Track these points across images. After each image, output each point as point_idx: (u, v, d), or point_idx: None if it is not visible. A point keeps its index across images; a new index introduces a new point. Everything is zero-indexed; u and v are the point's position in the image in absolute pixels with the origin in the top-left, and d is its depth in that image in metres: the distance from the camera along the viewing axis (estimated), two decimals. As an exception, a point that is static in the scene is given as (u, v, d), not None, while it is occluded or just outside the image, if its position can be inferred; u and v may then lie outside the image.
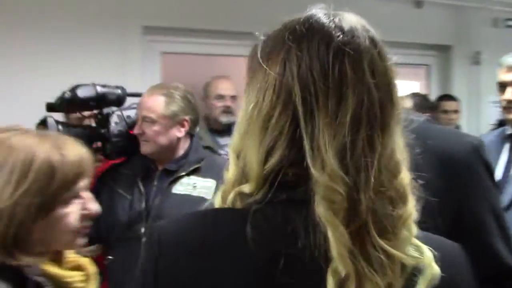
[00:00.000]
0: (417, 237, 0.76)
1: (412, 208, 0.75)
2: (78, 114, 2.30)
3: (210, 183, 2.14)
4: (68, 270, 1.16)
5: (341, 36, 0.74)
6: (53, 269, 1.13)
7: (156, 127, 2.08)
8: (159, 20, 3.43)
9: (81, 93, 2.07)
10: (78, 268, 1.20)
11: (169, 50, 3.58)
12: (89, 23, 3.26)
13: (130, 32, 3.33)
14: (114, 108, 2.19)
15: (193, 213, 0.84)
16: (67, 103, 2.08)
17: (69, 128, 2.07)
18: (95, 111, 2.16)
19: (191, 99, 2.20)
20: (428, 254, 0.74)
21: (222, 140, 3.26)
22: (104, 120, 2.14)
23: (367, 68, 0.73)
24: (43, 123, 2.00)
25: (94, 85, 2.12)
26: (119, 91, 2.18)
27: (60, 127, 2.02)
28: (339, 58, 0.73)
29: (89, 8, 3.26)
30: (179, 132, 2.12)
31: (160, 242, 0.78)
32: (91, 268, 1.22)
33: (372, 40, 0.76)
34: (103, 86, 2.14)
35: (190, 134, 2.20)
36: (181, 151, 2.18)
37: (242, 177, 0.79)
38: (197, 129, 2.31)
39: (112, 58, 3.29)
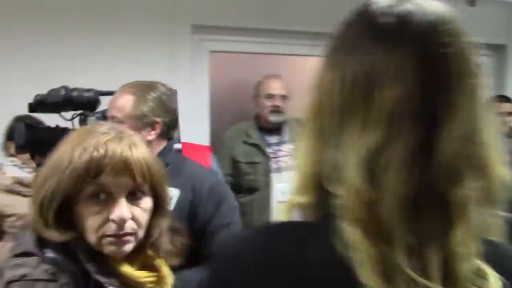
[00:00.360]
0: (486, 254, 0.63)
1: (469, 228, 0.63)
2: None
3: (172, 191, 1.96)
4: (140, 270, 1.14)
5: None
6: (123, 267, 1.12)
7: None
8: (208, 19, 3.46)
9: (50, 95, 2.05)
10: (151, 268, 1.17)
11: (217, 49, 3.60)
12: (139, 22, 3.32)
13: (179, 31, 3.38)
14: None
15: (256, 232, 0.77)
16: (38, 105, 2.07)
17: (39, 129, 2.05)
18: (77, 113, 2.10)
19: (167, 100, 2.02)
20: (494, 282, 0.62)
21: (271, 139, 3.28)
22: (81, 122, 2.09)
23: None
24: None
25: (64, 88, 2.08)
26: (90, 93, 2.09)
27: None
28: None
29: (139, 7, 3.32)
30: (149, 135, 1.94)
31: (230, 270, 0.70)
32: (165, 269, 1.18)
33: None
34: (73, 89, 2.08)
35: (168, 138, 2.04)
36: None
37: (303, 187, 0.72)
38: (176, 132, 2.17)
39: (162, 57, 3.34)
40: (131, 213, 1.10)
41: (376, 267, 0.60)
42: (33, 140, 1.99)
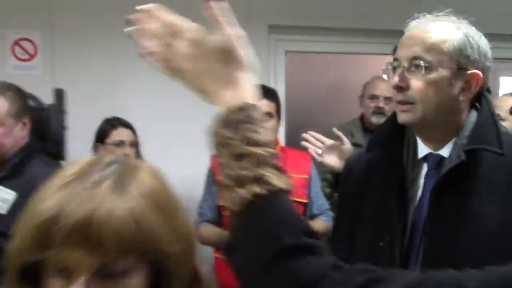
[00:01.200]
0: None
1: None
2: None
3: (10, 195, 1.95)
4: None
5: None
6: None
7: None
8: (284, 19, 3.51)
9: None
10: None
11: (293, 49, 3.64)
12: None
13: (256, 31, 3.45)
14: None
15: None
16: None
17: None
18: None
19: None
20: None
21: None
22: None
23: None
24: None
25: None
26: None
27: None
28: None
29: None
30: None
31: None
32: None
33: None
34: None
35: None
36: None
37: None
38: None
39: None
40: None
41: None
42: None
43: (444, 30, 1.30)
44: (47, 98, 3.23)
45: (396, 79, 1.31)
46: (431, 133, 1.35)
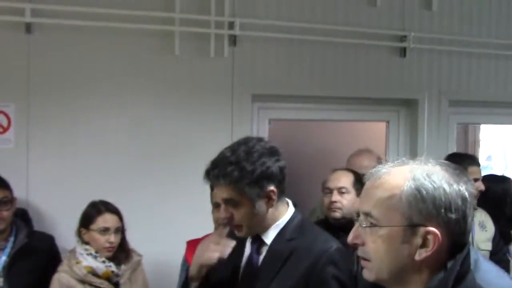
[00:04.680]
0: None
1: None
2: None
3: None
4: None
5: None
6: None
7: None
8: (266, 88, 3.50)
9: None
10: None
11: (276, 117, 3.61)
12: (202, 93, 3.41)
13: (240, 100, 3.42)
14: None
15: None
16: None
17: None
18: None
19: None
20: None
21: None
22: None
23: None
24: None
25: None
26: None
27: None
28: None
29: (201, 81, 3.41)
30: None
31: None
32: None
33: None
34: None
35: None
36: None
37: None
38: None
39: (222, 124, 3.40)
40: None
41: None
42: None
43: (393, 182, 1.20)
44: (20, 172, 3.13)
45: (350, 236, 1.27)
46: None
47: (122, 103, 3.31)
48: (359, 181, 2.80)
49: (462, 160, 3.20)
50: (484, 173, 3.32)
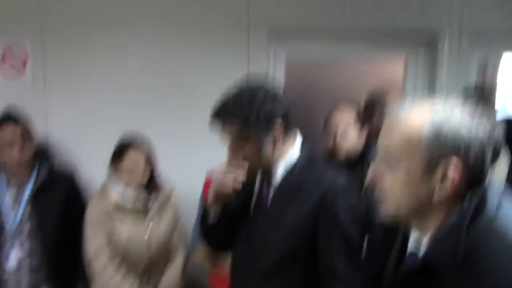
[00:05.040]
0: None
1: None
2: None
3: None
4: None
5: None
6: None
7: None
8: (284, 28, 3.44)
9: None
10: None
11: (293, 57, 3.56)
12: (218, 32, 3.36)
13: (257, 38, 3.37)
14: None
15: None
16: None
17: None
18: None
19: None
20: None
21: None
22: None
23: None
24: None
25: None
26: None
27: None
28: None
29: (218, 17, 3.36)
30: None
31: None
32: None
33: None
34: None
35: None
36: None
37: None
38: None
39: (239, 64, 3.36)
40: None
41: None
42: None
43: (413, 122, 1.21)
44: (38, 108, 3.17)
45: (370, 173, 1.31)
46: (414, 224, 1.31)
47: (138, 40, 3.29)
48: (360, 117, 2.83)
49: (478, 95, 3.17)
50: (501, 112, 3.26)
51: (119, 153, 2.69)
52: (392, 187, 1.24)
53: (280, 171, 1.93)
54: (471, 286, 1.12)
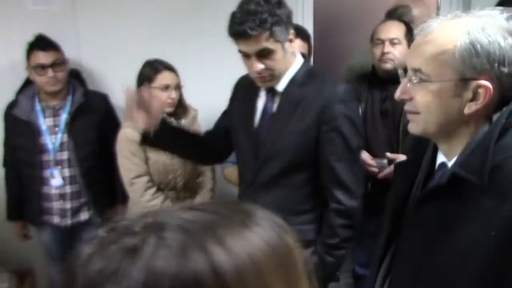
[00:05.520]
0: None
1: None
2: None
3: None
4: None
5: None
6: None
7: None
8: None
9: None
10: None
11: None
12: None
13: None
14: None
15: None
16: None
17: None
18: None
19: None
20: None
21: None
22: None
23: None
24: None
25: None
26: None
27: None
28: None
29: None
30: None
31: None
32: None
33: None
34: None
35: None
36: None
37: None
38: None
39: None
40: None
41: None
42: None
43: (446, 38, 1.18)
44: (69, 32, 3.18)
45: (398, 91, 1.30)
46: (441, 144, 1.32)
47: None
48: (410, 32, 2.74)
49: None
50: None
51: (149, 74, 2.67)
52: (422, 103, 1.23)
53: (283, 82, 2.03)
54: (496, 201, 1.13)
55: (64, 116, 2.87)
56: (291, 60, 2.02)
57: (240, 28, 1.85)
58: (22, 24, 3.14)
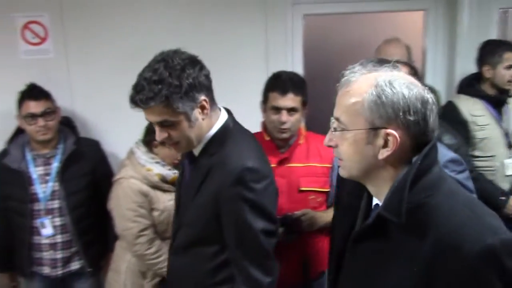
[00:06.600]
0: None
1: None
2: None
3: None
4: None
5: None
6: None
7: None
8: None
9: None
10: None
11: (311, 12, 3.52)
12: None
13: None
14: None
15: None
16: None
17: None
18: None
19: None
20: None
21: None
22: None
23: None
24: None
25: None
26: None
27: None
28: None
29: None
30: None
31: None
32: None
33: None
34: None
35: None
36: None
37: None
38: None
39: (256, 21, 3.33)
40: None
41: None
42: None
43: (359, 90, 1.30)
44: (62, 81, 3.20)
45: (326, 139, 1.40)
46: (369, 186, 1.41)
47: (156, 4, 3.28)
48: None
49: (498, 46, 3.15)
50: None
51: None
52: (343, 150, 1.34)
53: (199, 147, 1.87)
54: (417, 240, 1.23)
55: (55, 165, 2.85)
56: (207, 123, 1.84)
57: (134, 98, 1.74)
58: (14, 72, 3.15)
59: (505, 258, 1.14)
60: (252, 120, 2.65)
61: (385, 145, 1.27)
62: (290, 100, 2.45)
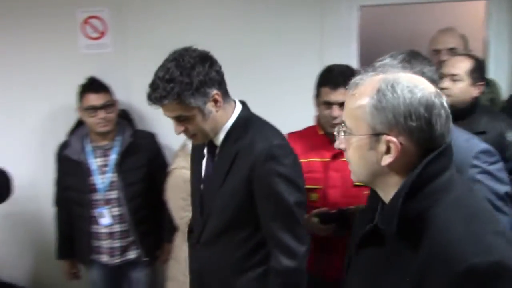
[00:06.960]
0: None
1: None
2: None
3: None
4: None
5: None
6: None
7: None
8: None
9: None
10: None
11: (366, 3, 3.46)
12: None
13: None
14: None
15: None
16: None
17: None
18: None
19: None
20: None
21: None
22: None
23: None
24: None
25: None
26: None
27: None
28: None
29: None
30: None
31: None
32: None
33: None
34: None
35: None
36: None
37: None
38: None
39: (311, 13, 3.30)
40: None
41: None
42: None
43: (362, 94, 1.25)
44: (120, 74, 3.28)
45: (336, 142, 1.37)
46: (378, 191, 1.36)
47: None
48: (478, 68, 2.70)
49: None
50: None
51: None
52: (349, 154, 1.31)
53: (220, 137, 1.96)
54: (412, 250, 1.18)
55: (113, 156, 2.93)
56: (223, 115, 1.94)
57: (150, 96, 1.85)
58: (74, 66, 3.25)
59: (491, 281, 1.07)
60: (306, 114, 2.65)
61: (388, 151, 1.22)
62: (341, 94, 2.41)
